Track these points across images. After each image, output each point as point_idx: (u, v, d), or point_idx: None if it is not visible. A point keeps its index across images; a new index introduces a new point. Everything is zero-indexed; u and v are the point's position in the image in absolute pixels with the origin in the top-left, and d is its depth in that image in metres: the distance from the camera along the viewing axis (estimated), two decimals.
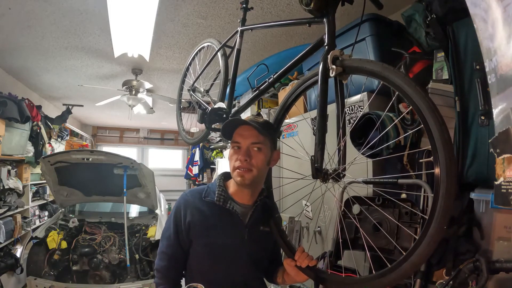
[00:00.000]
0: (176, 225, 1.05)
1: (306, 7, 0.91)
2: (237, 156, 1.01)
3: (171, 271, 1.07)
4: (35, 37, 2.63)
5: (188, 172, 5.99)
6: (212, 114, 1.31)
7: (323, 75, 0.86)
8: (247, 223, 1.06)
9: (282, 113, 1.13)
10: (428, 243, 0.66)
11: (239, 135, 1.02)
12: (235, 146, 1.03)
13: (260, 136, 1.01)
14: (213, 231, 1.04)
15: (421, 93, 0.68)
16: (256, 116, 1.07)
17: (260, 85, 1.19)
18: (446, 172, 0.65)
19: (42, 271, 2.57)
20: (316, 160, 0.85)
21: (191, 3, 2.12)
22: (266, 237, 1.11)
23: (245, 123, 1.01)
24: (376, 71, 0.76)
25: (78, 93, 4.39)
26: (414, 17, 1.43)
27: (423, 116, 0.68)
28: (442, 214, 0.65)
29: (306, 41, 2.64)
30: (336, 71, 0.83)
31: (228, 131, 1.04)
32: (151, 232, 2.88)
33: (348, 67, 0.83)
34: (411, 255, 0.70)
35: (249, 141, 1.01)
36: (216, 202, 1.05)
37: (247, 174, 1.00)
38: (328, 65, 0.84)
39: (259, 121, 1.02)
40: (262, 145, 1.01)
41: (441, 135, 0.65)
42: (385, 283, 0.75)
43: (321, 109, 0.87)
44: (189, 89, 1.74)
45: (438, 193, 0.66)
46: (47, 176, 2.90)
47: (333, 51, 0.85)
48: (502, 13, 0.79)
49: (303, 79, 1.03)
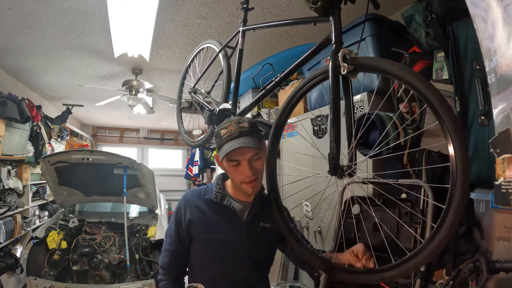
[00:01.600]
0: (177, 223, 1.10)
1: (313, 5, 0.91)
2: (241, 172, 0.99)
3: (173, 267, 1.11)
4: (35, 37, 2.63)
5: (188, 172, 5.99)
6: (220, 115, 1.31)
7: (334, 73, 0.86)
8: (245, 220, 1.09)
9: (285, 115, 1.09)
10: (443, 235, 0.69)
11: (237, 154, 0.98)
12: (233, 163, 1.00)
13: (255, 142, 0.98)
14: (212, 228, 1.06)
15: (434, 90, 0.71)
16: (238, 123, 1.00)
17: (266, 84, 1.19)
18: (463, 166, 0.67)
19: (42, 271, 2.57)
20: (334, 156, 0.85)
21: (191, 3, 2.12)
22: (266, 234, 1.12)
23: (243, 146, 0.96)
24: (389, 69, 0.78)
25: (78, 93, 4.39)
26: (414, 17, 1.43)
27: (436, 109, 0.71)
28: (460, 203, 0.68)
29: (306, 41, 2.63)
30: (348, 69, 0.83)
31: (223, 150, 0.98)
32: (151, 232, 2.88)
33: (360, 65, 0.83)
34: (427, 246, 0.72)
35: (249, 156, 0.99)
36: (214, 199, 1.08)
37: (257, 183, 1.03)
38: (339, 62, 0.84)
39: (247, 129, 0.98)
40: (259, 153, 1.01)
41: (457, 134, 0.69)
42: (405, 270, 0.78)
43: (334, 106, 0.87)
44: (190, 91, 1.74)
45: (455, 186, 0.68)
46: (47, 176, 2.90)
47: (343, 49, 0.85)
48: (502, 13, 0.79)
49: (306, 80, 1.03)
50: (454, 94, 1.22)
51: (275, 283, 1.82)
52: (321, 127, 1.86)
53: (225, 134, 0.98)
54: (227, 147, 0.96)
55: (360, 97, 1.60)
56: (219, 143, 1.01)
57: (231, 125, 1.00)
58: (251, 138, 0.97)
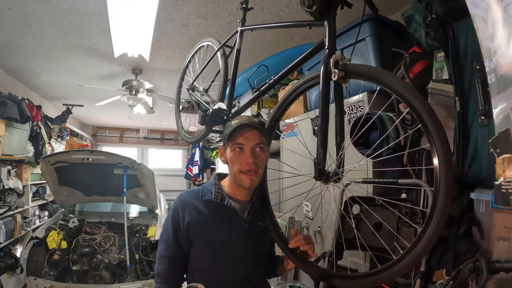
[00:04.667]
0: (175, 227, 1.05)
1: (308, 9, 0.91)
2: (243, 159, 1.01)
3: (171, 274, 1.06)
4: (35, 37, 2.63)
5: (188, 172, 5.99)
6: (213, 116, 1.31)
7: (325, 79, 0.86)
8: (245, 219, 1.08)
9: (279, 114, 1.12)
10: (429, 238, 0.69)
11: (243, 138, 1.01)
12: (237, 147, 1.02)
13: (262, 136, 1.02)
14: (213, 229, 1.04)
15: (419, 97, 0.72)
16: (249, 117, 1.07)
17: (260, 86, 1.19)
18: (445, 168, 0.68)
19: (42, 271, 2.57)
20: (319, 162, 0.85)
21: (191, 3, 2.12)
22: (264, 232, 1.12)
23: (248, 126, 1.01)
24: (378, 78, 0.79)
25: (78, 93, 4.39)
26: (414, 17, 1.43)
27: (422, 118, 0.71)
28: (442, 209, 0.68)
29: (306, 41, 2.63)
30: (339, 75, 0.83)
31: (230, 134, 1.02)
32: (151, 232, 2.88)
33: (351, 72, 0.84)
34: (413, 249, 0.72)
35: (253, 143, 1.01)
36: (214, 200, 1.06)
37: (255, 177, 1.02)
38: (330, 68, 0.84)
39: (257, 122, 1.04)
40: (264, 145, 1.03)
41: (440, 135, 0.69)
42: (386, 277, 0.78)
43: (323, 112, 0.87)
44: (188, 88, 1.74)
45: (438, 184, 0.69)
46: (47, 176, 2.90)
47: (335, 55, 0.85)
48: (502, 13, 0.79)
49: (302, 81, 1.04)
50: (454, 94, 1.21)
51: (275, 283, 1.82)
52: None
53: (235, 122, 1.03)
54: (234, 126, 1.00)
55: (360, 97, 1.60)
56: (227, 131, 1.03)
57: (242, 117, 1.06)
58: (261, 128, 1.03)
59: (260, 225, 1.11)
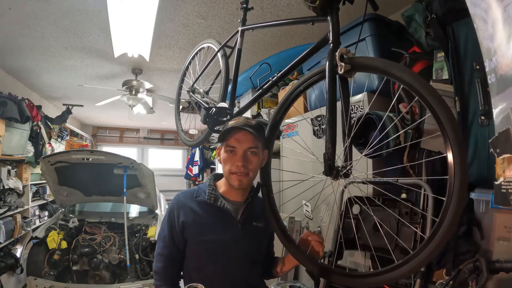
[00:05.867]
0: (171, 226, 1.08)
1: (311, 4, 0.91)
2: (233, 161, 1.03)
3: (168, 272, 1.09)
4: (35, 37, 2.63)
5: (188, 172, 5.99)
6: (217, 114, 1.30)
7: (331, 72, 0.86)
8: (239, 220, 1.09)
9: (281, 114, 1.12)
10: (439, 241, 0.68)
11: (235, 140, 1.03)
12: (229, 150, 1.04)
13: (256, 140, 1.03)
14: (207, 229, 1.06)
15: (435, 92, 0.70)
16: (246, 118, 1.07)
17: (264, 84, 1.19)
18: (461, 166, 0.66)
19: (42, 271, 2.56)
20: (329, 157, 0.85)
21: (191, 3, 2.12)
22: (260, 233, 1.12)
23: (242, 129, 1.02)
24: (388, 69, 0.77)
25: (78, 93, 4.39)
26: (414, 17, 1.43)
27: (434, 110, 0.69)
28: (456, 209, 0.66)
29: (306, 41, 2.63)
30: (345, 68, 0.82)
31: (224, 134, 1.05)
32: (151, 232, 2.87)
33: (358, 64, 0.83)
34: (421, 252, 0.71)
35: (246, 146, 1.03)
36: (207, 200, 1.08)
37: (245, 179, 1.04)
38: (336, 62, 0.84)
39: (253, 124, 1.04)
40: (257, 149, 1.04)
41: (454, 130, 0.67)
42: (391, 278, 0.78)
43: (331, 106, 0.87)
44: (189, 90, 1.74)
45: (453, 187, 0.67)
46: (47, 176, 2.89)
47: (340, 48, 0.84)
48: (502, 13, 0.79)
49: (303, 79, 1.03)
50: (454, 94, 1.22)
51: (275, 283, 1.81)
52: (321, 127, 1.86)
53: (232, 123, 1.05)
54: (228, 127, 1.04)
55: (360, 97, 1.60)
56: (222, 131, 1.06)
57: (240, 118, 1.07)
58: (254, 132, 1.02)
59: (255, 226, 1.11)
